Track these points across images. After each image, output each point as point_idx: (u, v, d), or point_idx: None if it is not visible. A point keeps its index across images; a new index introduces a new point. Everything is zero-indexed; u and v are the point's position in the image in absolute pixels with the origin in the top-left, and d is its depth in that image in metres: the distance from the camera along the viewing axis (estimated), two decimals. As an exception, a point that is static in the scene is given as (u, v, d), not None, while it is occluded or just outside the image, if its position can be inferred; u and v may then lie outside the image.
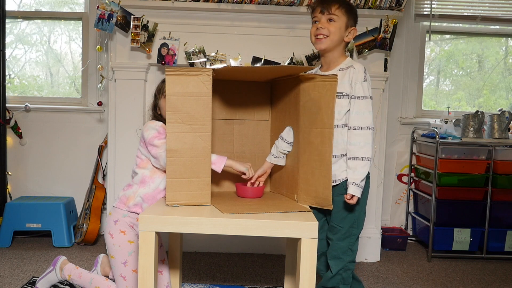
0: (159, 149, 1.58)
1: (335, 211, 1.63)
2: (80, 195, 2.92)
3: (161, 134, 1.62)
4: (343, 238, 1.63)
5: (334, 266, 1.64)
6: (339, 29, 1.61)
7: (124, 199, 1.67)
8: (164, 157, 1.57)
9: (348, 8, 1.63)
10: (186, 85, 1.33)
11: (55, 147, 2.96)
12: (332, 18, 1.60)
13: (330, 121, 1.44)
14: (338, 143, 1.57)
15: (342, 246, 1.64)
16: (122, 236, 1.64)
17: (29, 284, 2.05)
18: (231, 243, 2.66)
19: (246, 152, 1.75)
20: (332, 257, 1.65)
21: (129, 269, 1.62)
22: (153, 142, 1.60)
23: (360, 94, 1.55)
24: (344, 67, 1.61)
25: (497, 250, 2.70)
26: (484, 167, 2.68)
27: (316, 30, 1.61)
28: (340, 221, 1.63)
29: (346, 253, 1.64)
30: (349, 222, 1.63)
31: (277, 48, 2.50)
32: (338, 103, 1.54)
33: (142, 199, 1.64)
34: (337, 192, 1.62)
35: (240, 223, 1.22)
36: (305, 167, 1.47)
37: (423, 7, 3.02)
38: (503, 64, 3.28)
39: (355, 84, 1.56)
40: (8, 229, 2.65)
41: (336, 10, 1.59)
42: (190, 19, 2.49)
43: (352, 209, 1.61)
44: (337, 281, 1.65)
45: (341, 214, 1.62)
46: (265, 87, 1.75)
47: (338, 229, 1.63)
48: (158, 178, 1.65)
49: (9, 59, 3.07)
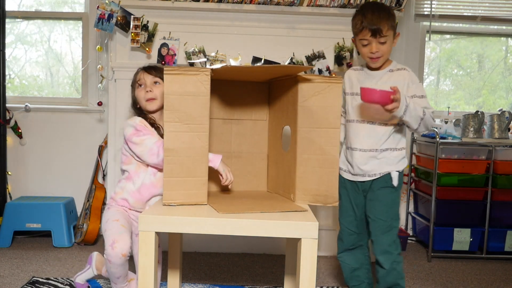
0: (139, 146, 1.61)
1: (377, 204, 1.70)
2: (80, 195, 2.92)
3: (139, 131, 1.63)
4: (387, 231, 1.70)
5: (384, 261, 1.69)
6: (390, 45, 1.68)
7: (113, 195, 1.73)
8: (146, 153, 1.60)
9: (393, 21, 1.66)
10: (184, 84, 1.33)
11: (55, 147, 2.96)
12: (384, 40, 1.64)
13: (336, 121, 1.45)
14: (381, 139, 1.67)
15: (388, 239, 1.70)
16: (107, 210, 1.71)
17: (29, 284, 2.05)
18: (231, 243, 2.66)
19: (243, 152, 1.75)
20: (380, 252, 1.70)
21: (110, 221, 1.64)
22: (131, 140, 1.63)
23: (419, 93, 1.66)
24: (394, 69, 1.71)
25: (497, 250, 2.70)
26: (484, 167, 2.68)
27: (371, 54, 1.66)
28: (381, 214, 1.70)
29: (392, 246, 1.70)
30: (391, 215, 1.71)
31: (277, 48, 2.50)
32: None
33: (129, 194, 1.68)
34: (379, 185, 1.70)
35: (241, 223, 1.22)
36: (303, 166, 1.47)
37: (423, 7, 3.02)
38: (503, 64, 3.28)
39: (413, 84, 1.66)
40: (8, 229, 2.66)
41: (387, 31, 1.63)
42: (190, 19, 2.49)
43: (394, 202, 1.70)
44: (395, 277, 1.70)
45: (385, 208, 1.69)
46: (263, 87, 1.75)
47: (380, 223, 1.69)
48: (143, 172, 1.68)
49: (9, 59, 3.08)
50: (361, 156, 1.72)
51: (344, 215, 1.85)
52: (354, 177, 1.78)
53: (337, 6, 2.44)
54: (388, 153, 1.70)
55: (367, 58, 1.69)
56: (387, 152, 1.70)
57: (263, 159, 1.77)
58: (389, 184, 1.70)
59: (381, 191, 1.70)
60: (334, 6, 2.45)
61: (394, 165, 1.71)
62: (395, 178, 1.70)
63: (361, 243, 1.85)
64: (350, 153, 1.77)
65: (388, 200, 1.70)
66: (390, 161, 1.71)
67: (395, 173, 1.71)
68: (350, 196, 1.81)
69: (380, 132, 1.69)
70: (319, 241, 1.99)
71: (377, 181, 1.71)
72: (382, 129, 1.70)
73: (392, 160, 1.71)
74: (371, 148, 1.70)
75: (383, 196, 1.70)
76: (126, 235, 1.55)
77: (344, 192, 1.82)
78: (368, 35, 1.63)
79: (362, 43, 1.67)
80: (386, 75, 1.72)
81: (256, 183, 1.76)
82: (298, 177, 1.48)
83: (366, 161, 1.71)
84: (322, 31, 2.50)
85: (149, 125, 1.69)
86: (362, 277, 1.85)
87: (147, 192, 1.68)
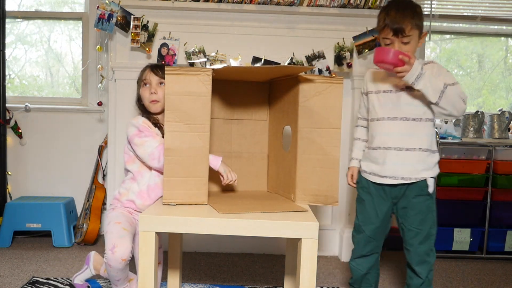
0: (140, 148, 1.60)
1: (413, 213, 1.63)
2: (80, 195, 2.92)
3: (141, 132, 1.62)
4: (424, 240, 1.63)
5: (422, 271, 1.64)
6: (414, 45, 1.59)
7: (118, 195, 1.71)
8: (147, 156, 1.59)
9: (418, 20, 1.57)
10: (185, 84, 1.33)
11: (55, 147, 2.96)
12: (407, 40, 1.56)
13: (337, 121, 1.45)
14: (419, 137, 1.60)
15: (425, 249, 1.64)
16: (111, 211, 1.70)
17: (29, 284, 2.05)
18: (231, 243, 2.66)
19: (243, 152, 1.75)
20: (417, 262, 1.65)
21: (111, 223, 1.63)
22: (133, 141, 1.62)
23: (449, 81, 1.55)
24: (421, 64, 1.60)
25: (497, 250, 2.70)
26: (484, 167, 2.68)
27: None
28: (419, 223, 1.63)
29: (429, 255, 1.65)
30: (429, 223, 1.64)
31: (277, 48, 2.50)
32: (418, 96, 1.58)
33: (136, 195, 1.67)
34: (413, 193, 1.62)
35: (241, 224, 1.22)
36: (303, 166, 1.47)
37: (423, 7, 3.01)
38: (503, 64, 3.28)
39: (441, 74, 1.57)
40: (8, 229, 2.65)
41: (410, 31, 1.55)
42: (190, 19, 2.49)
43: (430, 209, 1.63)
44: (427, 285, 1.66)
45: (420, 216, 1.62)
46: (263, 87, 1.75)
47: (417, 232, 1.63)
48: (147, 173, 1.67)
49: (9, 59, 3.07)
50: (397, 155, 1.62)
51: (367, 222, 1.74)
52: (382, 179, 1.66)
53: (337, 6, 2.44)
54: (425, 156, 1.61)
55: None
56: (425, 154, 1.61)
57: (263, 159, 1.77)
58: (425, 192, 1.62)
59: (416, 199, 1.62)
60: (334, 6, 2.45)
61: (430, 170, 1.63)
62: (431, 186, 1.62)
63: (377, 250, 1.77)
64: (381, 153, 1.65)
65: (424, 208, 1.62)
66: (426, 166, 1.62)
67: (431, 180, 1.63)
68: (375, 202, 1.71)
69: (416, 129, 1.61)
70: (319, 241, 2.00)
71: (412, 188, 1.63)
72: (417, 125, 1.61)
73: (429, 164, 1.63)
74: (407, 147, 1.61)
75: (419, 205, 1.62)
76: (127, 239, 1.54)
77: (369, 198, 1.73)
78: (390, 34, 1.56)
79: (385, 42, 1.60)
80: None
81: (256, 183, 1.76)
82: (298, 177, 1.48)
83: (404, 162, 1.61)
84: (322, 31, 2.50)
85: (152, 126, 1.68)
86: (371, 280, 1.80)
87: (154, 193, 1.67)
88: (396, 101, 1.63)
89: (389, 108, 1.65)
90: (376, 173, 1.68)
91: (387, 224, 1.75)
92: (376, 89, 1.71)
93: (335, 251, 2.71)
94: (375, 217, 1.72)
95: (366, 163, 1.73)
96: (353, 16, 2.47)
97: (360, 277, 1.79)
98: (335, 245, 2.71)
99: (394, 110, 1.64)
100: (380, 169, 1.66)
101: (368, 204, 1.73)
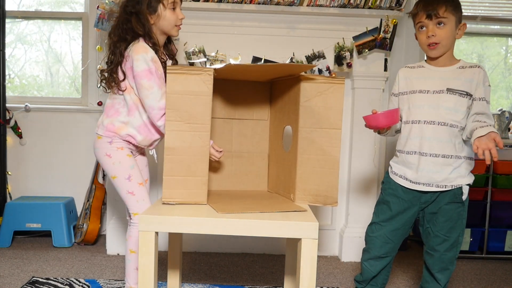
0: (144, 91, 1.54)
1: (443, 220, 1.60)
2: (80, 195, 2.92)
3: (151, 74, 1.54)
4: (451, 248, 1.62)
5: (443, 278, 1.64)
6: (450, 31, 1.53)
7: (111, 127, 1.61)
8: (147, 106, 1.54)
9: (455, 7, 1.52)
10: (187, 84, 1.33)
11: (55, 147, 2.96)
12: (442, 21, 1.51)
13: (338, 122, 1.45)
14: (456, 144, 1.56)
15: (450, 256, 1.62)
16: (120, 152, 1.61)
17: (29, 284, 2.05)
18: (231, 243, 2.66)
19: (244, 151, 1.75)
20: (440, 269, 1.64)
21: (134, 182, 1.59)
22: (141, 82, 1.54)
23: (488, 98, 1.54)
24: (465, 66, 1.57)
25: (497, 250, 2.70)
26: (484, 167, 2.67)
27: (427, 39, 1.54)
28: (448, 231, 1.60)
29: (452, 263, 1.64)
30: (458, 231, 1.61)
31: (277, 48, 2.50)
32: (460, 102, 1.53)
33: (137, 130, 1.61)
34: (446, 200, 1.59)
35: (241, 223, 1.22)
36: (303, 166, 1.47)
37: (423, 7, 3.02)
38: (503, 64, 3.28)
39: (483, 86, 1.53)
40: (8, 229, 2.65)
41: (445, 13, 1.50)
42: (190, 19, 2.48)
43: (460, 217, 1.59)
44: None
45: (450, 224, 1.60)
46: (264, 86, 1.75)
47: (444, 239, 1.61)
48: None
49: (9, 59, 3.07)
50: (433, 162, 1.56)
51: (389, 222, 1.69)
52: (416, 185, 1.61)
53: (337, 6, 2.44)
54: (462, 163, 1.58)
55: (425, 46, 1.56)
56: (461, 162, 1.58)
57: (263, 159, 1.77)
58: (458, 199, 1.58)
59: (448, 206, 1.58)
60: (334, 6, 2.44)
61: (466, 177, 1.59)
62: (465, 193, 1.59)
63: (393, 253, 1.73)
64: (416, 159, 1.59)
65: (455, 215, 1.59)
66: (463, 173, 1.58)
67: (466, 187, 1.59)
68: (402, 205, 1.66)
69: (452, 135, 1.55)
70: (319, 241, 2.00)
71: (445, 195, 1.58)
72: (454, 131, 1.55)
73: (465, 171, 1.59)
74: (444, 154, 1.55)
75: (450, 212, 1.59)
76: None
77: (395, 201, 1.67)
78: (424, 17, 1.52)
79: (419, 28, 1.56)
80: (455, 72, 1.57)
81: (256, 182, 1.77)
82: (298, 177, 1.48)
83: (440, 169, 1.56)
84: (322, 31, 2.50)
85: (158, 59, 1.59)
86: (380, 282, 1.78)
87: (154, 128, 1.63)
88: (434, 103, 1.57)
89: (425, 111, 1.58)
90: (409, 178, 1.63)
91: (408, 228, 1.71)
92: (411, 89, 1.64)
93: (335, 251, 2.71)
94: (399, 219, 1.68)
95: (398, 166, 1.67)
96: (353, 16, 2.47)
97: (368, 278, 1.76)
98: (335, 245, 2.71)
99: (431, 113, 1.57)
100: (414, 175, 1.61)
101: (393, 206, 1.67)
